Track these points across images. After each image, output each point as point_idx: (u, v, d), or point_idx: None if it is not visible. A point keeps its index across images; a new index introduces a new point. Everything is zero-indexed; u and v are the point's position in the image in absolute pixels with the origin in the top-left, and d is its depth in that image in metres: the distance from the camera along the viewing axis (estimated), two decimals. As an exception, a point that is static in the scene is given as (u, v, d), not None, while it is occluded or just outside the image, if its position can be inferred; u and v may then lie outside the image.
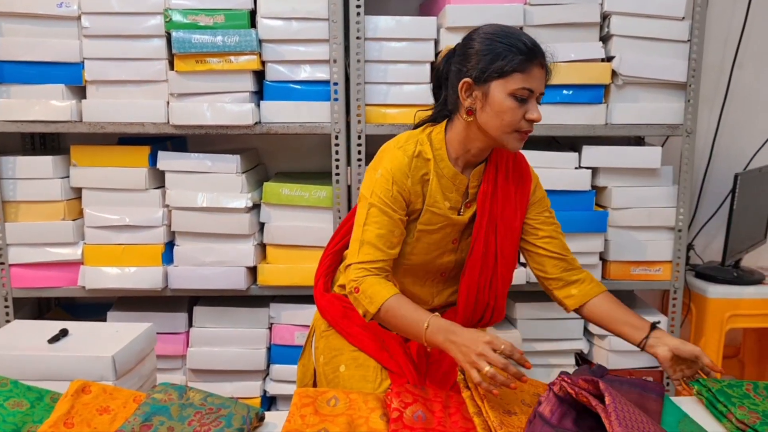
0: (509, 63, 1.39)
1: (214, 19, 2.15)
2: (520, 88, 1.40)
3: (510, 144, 1.46)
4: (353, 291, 1.46)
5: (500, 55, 1.40)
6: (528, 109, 1.42)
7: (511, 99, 1.40)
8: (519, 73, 1.39)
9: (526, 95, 1.41)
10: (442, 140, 1.52)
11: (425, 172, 1.50)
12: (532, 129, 1.46)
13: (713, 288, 2.44)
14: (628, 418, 1.10)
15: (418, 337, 1.39)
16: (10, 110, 2.19)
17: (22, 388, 1.27)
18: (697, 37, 2.25)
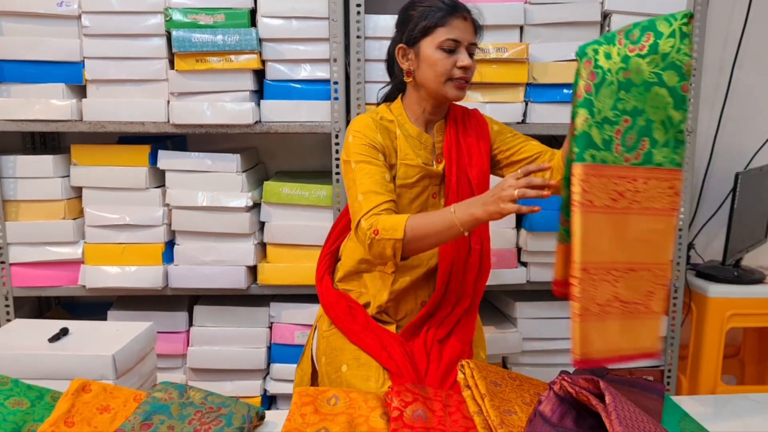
0: (431, 20, 1.54)
1: (214, 18, 2.15)
2: (445, 39, 1.54)
3: (449, 93, 1.57)
4: (373, 236, 1.44)
5: (423, 16, 1.56)
6: (458, 58, 1.55)
7: (439, 51, 1.54)
8: (441, 27, 1.54)
9: (453, 46, 1.54)
10: (400, 107, 1.66)
11: (392, 131, 1.61)
12: (468, 76, 1.57)
13: (714, 287, 2.44)
14: (628, 418, 1.10)
15: (453, 228, 1.40)
16: (11, 109, 2.19)
17: (23, 386, 1.27)
18: (697, 36, 2.24)
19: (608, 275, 1.30)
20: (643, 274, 1.31)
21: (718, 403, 1.51)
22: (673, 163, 1.33)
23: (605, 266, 1.30)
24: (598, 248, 1.29)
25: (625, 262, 1.31)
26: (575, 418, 1.19)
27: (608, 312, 1.30)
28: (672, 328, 2.41)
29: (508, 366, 2.45)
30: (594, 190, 1.28)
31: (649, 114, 1.31)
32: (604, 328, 1.29)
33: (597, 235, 1.29)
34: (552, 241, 2.28)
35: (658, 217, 1.32)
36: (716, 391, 2.43)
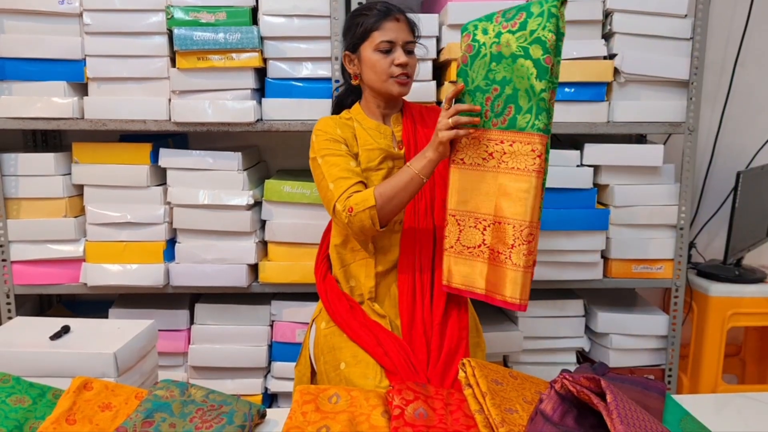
0: (366, 26, 1.67)
1: (215, 16, 2.15)
2: (380, 42, 1.65)
3: (393, 89, 1.68)
4: (349, 214, 1.55)
5: (360, 23, 1.69)
6: (394, 57, 1.66)
7: (377, 53, 1.66)
8: (376, 31, 1.66)
9: (389, 47, 1.66)
10: (357, 107, 1.78)
11: (350, 125, 1.72)
12: (408, 72, 1.68)
13: (715, 286, 2.44)
14: (629, 416, 1.10)
15: (414, 178, 1.53)
16: (12, 107, 2.19)
17: (24, 384, 1.27)
18: (699, 35, 2.24)
19: (477, 224, 1.52)
20: (507, 227, 1.47)
21: (719, 402, 1.51)
22: (535, 128, 1.44)
23: (473, 216, 1.52)
24: (468, 201, 1.52)
25: (492, 215, 1.50)
26: (576, 416, 1.19)
27: (475, 255, 1.52)
28: (673, 327, 2.41)
29: (509, 364, 2.45)
30: (466, 150, 1.53)
31: (516, 83, 1.45)
32: (469, 266, 1.54)
33: (467, 189, 1.52)
34: (553, 241, 2.29)
35: (522, 177, 1.46)
36: (717, 390, 2.43)
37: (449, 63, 2.19)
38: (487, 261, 1.51)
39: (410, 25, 1.71)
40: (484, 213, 1.51)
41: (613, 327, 2.41)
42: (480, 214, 1.52)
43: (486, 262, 1.51)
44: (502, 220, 1.48)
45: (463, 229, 1.54)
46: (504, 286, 1.49)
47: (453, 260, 1.56)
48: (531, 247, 1.46)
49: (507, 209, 1.47)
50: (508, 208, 1.47)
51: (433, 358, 1.60)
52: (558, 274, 2.35)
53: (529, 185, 1.44)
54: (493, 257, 1.50)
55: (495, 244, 1.49)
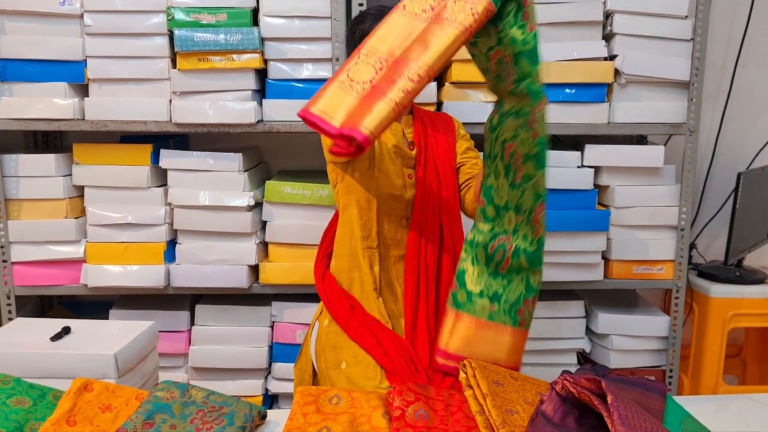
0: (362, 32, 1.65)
1: (216, 18, 2.15)
2: None
3: None
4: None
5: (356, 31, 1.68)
6: None
7: None
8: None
9: None
10: None
11: None
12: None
13: (715, 287, 2.44)
14: (630, 418, 1.10)
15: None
16: (13, 108, 2.19)
17: (25, 385, 1.27)
18: (700, 36, 2.24)
19: (377, 62, 1.37)
20: (401, 67, 1.33)
21: (719, 403, 1.51)
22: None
23: (377, 55, 1.37)
24: (384, 41, 1.38)
25: (395, 56, 1.35)
26: (577, 417, 1.19)
27: (354, 89, 1.35)
28: (674, 328, 2.41)
29: (509, 366, 2.44)
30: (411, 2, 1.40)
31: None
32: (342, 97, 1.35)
33: (392, 30, 1.39)
34: (553, 242, 2.29)
35: (446, 26, 1.35)
36: (718, 391, 2.43)
37: (450, 64, 2.19)
38: (362, 97, 1.34)
39: None
40: (389, 53, 1.37)
41: (613, 328, 2.41)
42: (385, 55, 1.37)
43: (359, 98, 1.34)
44: (402, 60, 1.35)
45: (359, 63, 1.37)
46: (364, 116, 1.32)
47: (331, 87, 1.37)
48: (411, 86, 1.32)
49: (414, 51, 1.35)
50: (415, 51, 1.35)
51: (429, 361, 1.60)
52: (559, 275, 2.34)
53: (448, 34, 1.34)
54: (370, 94, 1.34)
55: (381, 81, 1.34)
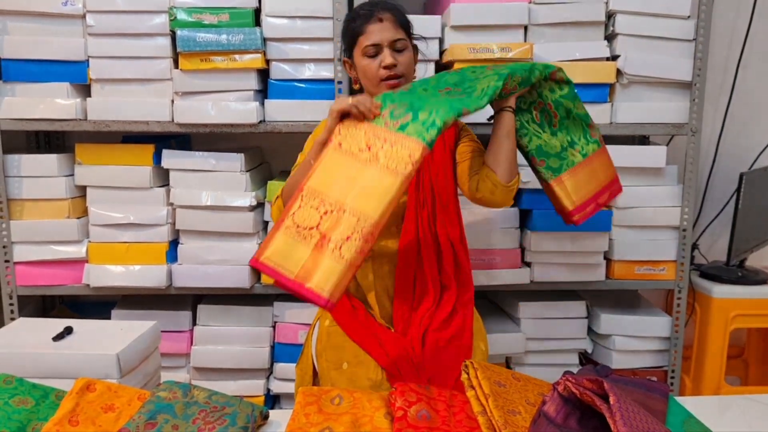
0: (351, 33, 1.66)
1: (218, 18, 2.15)
2: (365, 47, 1.63)
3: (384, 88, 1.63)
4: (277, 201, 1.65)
5: (346, 31, 1.69)
6: (381, 59, 1.62)
7: (365, 58, 1.64)
8: (361, 35, 1.63)
9: (374, 51, 1.62)
10: None
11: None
12: (397, 73, 1.63)
13: (718, 288, 2.44)
14: (632, 418, 1.10)
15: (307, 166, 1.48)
16: (15, 108, 2.19)
17: (27, 385, 1.27)
18: (702, 36, 2.24)
19: (320, 206, 1.40)
20: (350, 218, 1.36)
21: (722, 404, 1.51)
22: (421, 136, 1.41)
23: (320, 197, 1.41)
24: (325, 182, 1.43)
25: (340, 203, 1.39)
26: (579, 418, 1.19)
27: (303, 236, 1.38)
28: (676, 329, 2.40)
29: (511, 366, 2.44)
30: (348, 137, 1.47)
31: (427, 103, 1.46)
32: (292, 245, 1.38)
33: (330, 171, 1.45)
34: (555, 242, 2.29)
35: (389, 175, 1.40)
36: (720, 391, 2.43)
37: (452, 64, 2.19)
38: (313, 247, 1.36)
39: (397, 21, 1.64)
40: (333, 198, 1.40)
41: (615, 328, 2.41)
42: (328, 198, 1.40)
43: (310, 248, 1.36)
44: (348, 209, 1.38)
45: (303, 207, 1.41)
46: (317, 274, 1.34)
47: (278, 234, 1.40)
48: (365, 247, 1.35)
49: (359, 201, 1.39)
50: (361, 200, 1.39)
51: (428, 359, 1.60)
52: (560, 275, 2.34)
53: (392, 185, 1.38)
54: (320, 244, 1.36)
55: (329, 231, 1.37)
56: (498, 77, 1.53)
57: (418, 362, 1.59)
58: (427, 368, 1.58)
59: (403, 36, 1.65)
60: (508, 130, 1.60)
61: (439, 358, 1.59)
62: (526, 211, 2.33)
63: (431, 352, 1.60)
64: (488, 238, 2.30)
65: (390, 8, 1.65)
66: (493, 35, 2.20)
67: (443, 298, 1.67)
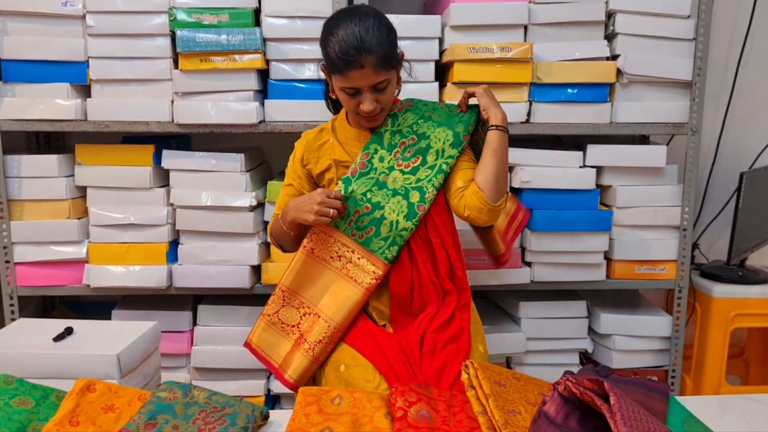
0: (331, 64, 1.56)
1: (218, 18, 2.15)
2: (344, 87, 1.57)
3: (363, 123, 1.67)
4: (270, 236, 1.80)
5: (326, 55, 1.57)
6: (359, 100, 1.59)
7: (342, 92, 1.59)
8: (339, 74, 1.55)
9: (353, 92, 1.57)
10: (343, 112, 1.76)
11: (325, 140, 1.74)
12: (375, 113, 1.61)
13: (718, 287, 2.43)
14: (633, 418, 1.10)
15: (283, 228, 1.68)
16: (15, 109, 2.19)
17: (28, 386, 1.27)
18: (702, 36, 2.24)
19: (300, 307, 1.68)
20: (321, 323, 1.63)
21: (722, 403, 1.51)
22: (383, 256, 1.62)
23: (300, 299, 1.68)
24: (302, 285, 1.68)
25: (315, 306, 1.66)
26: (580, 418, 1.19)
27: (286, 332, 1.68)
28: (676, 329, 2.40)
29: (512, 366, 2.44)
30: (320, 243, 1.67)
31: (385, 212, 1.63)
32: (277, 339, 1.69)
33: (305, 275, 1.67)
34: (556, 242, 2.29)
35: (354, 287, 1.63)
36: (720, 391, 2.42)
37: (452, 64, 2.19)
38: (293, 342, 1.66)
39: (380, 63, 1.52)
40: (309, 301, 1.67)
41: (616, 328, 2.41)
42: (306, 300, 1.67)
43: (291, 343, 1.67)
44: (322, 316, 1.63)
45: (286, 305, 1.69)
46: (293, 367, 1.65)
47: (264, 326, 1.72)
48: (329, 347, 1.63)
49: (329, 308, 1.63)
50: (330, 307, 1.63)
51: (426, 360, 1.59)
52: (561, 275, 2.34)
53: (356, 297, 1.62)
54: (298, 342, 1.65)
55: (306, 331, 1.64)
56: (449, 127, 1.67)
57: (415, 364, 1.58)
58: (424, 370, 1.58)
59: (385, 76, 1.56)
60: (494, 148, 1.58)
61: (436, 359, 1.59)
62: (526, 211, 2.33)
63: (429, 354, 1.59)
64: (488, 237, 2.30)
65: (373, 48, 1.50)
66: (493, 35, 2.20)
67: (445, 302, 1.67)
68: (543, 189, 2.28)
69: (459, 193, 1.62)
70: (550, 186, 2.28)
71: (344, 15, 1.56)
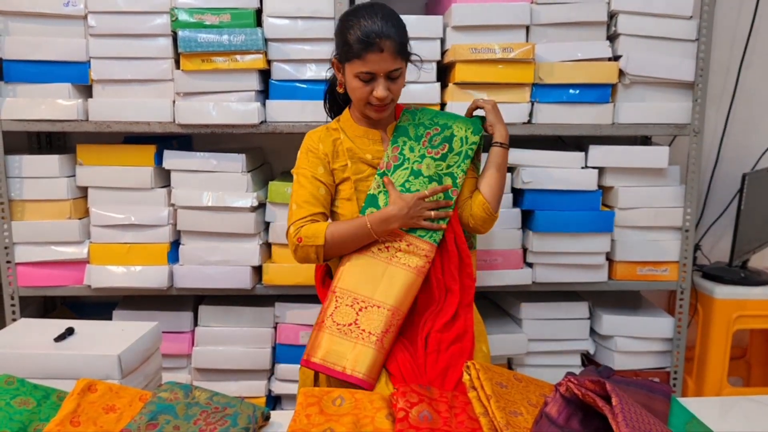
0: (349, 50, 1.59)
1: (220, 18, 2.15)
2: (360, 72, 1.59)
3: (370, 114, 1.67)
4: (297, 243, 1.63)
5: (344, 42, 1.60)
6: (373, 87, 1.60)
7: (357, 80, 1.61)
8: (357, 59, 1.58)
9: (368, 77, 1.60)
10: (347, 113, 1.76)
11: (336, 138, 1.72)
12: (385, 103, 1.63)
13: (720, 289, 2.43)
14: (635, 420, 1.10)
15: (370, 237, 1.63)
16: (17, 109, 2.19)
17: (29, 386, 1.27)
18: (704, 36, 2.23)
19: (354, 304, 1.62)
20: (383, 311, 1.60)
21: (724, 405, 1.50)
22: (432, 239, 1.65)
23: (352, 295, 1.62)
24: (351, 281, 1.64)
25: (370, 298, 1.61)
26: (581, 419, 1.19)
27: (345, 332, 1.59)
28: (678, 330, 2.40)
29: (513, 367, 2.44)
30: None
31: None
32: (338, 343, 1.58)
33: (354, 272, 1.64)
34: (557, 243, 2.29)
35: (407, 272, 1.63)
36: (722, 392, 2.42)
37: (454, 64, 2.19)
38: (356, 340, 1.59)
39: (397, 49, 1.58)
40: (363, 294, 1.62)
41: (618, 329, 2.40)
42: (359, 295, 1.62)
43: (354, 342, 1.58)
44: (381, 305, 1.60)
45: (339, 307, 1.62)
46: (360, 362, 1.57)
47: (324, 335, 1.60)
48: (396, 334, 1.60)
49: (387, 296, 1.61)
50: (387, 295, 1.61)
51: (431, 360, 1.59)
52: (563, 276, 2.34)
53: (410, 280, 1.62)
54: (364, 338, 1.59)
55: (368, 326, 1.59)
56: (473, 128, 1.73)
57: (420, 364, 1.58)
58: (428, 370, 1.57)
59: (401, 65, 1.61)
60: (498, 163, 1.72)
61: (441, 360, 1.59)
62: (527, 211, 2.33)
63: (434, 354, 1.59)
64: (490, 239, 2.30)
65: (392, 34, 1.57)
66: (495, 35, 2.20)
67: (447, 301, 1.67)
68: (545, 190, 2.28)
69: (465, 203, 1.73)
70: (551, 187, 2.27)
71: (364, 7, 1.63)
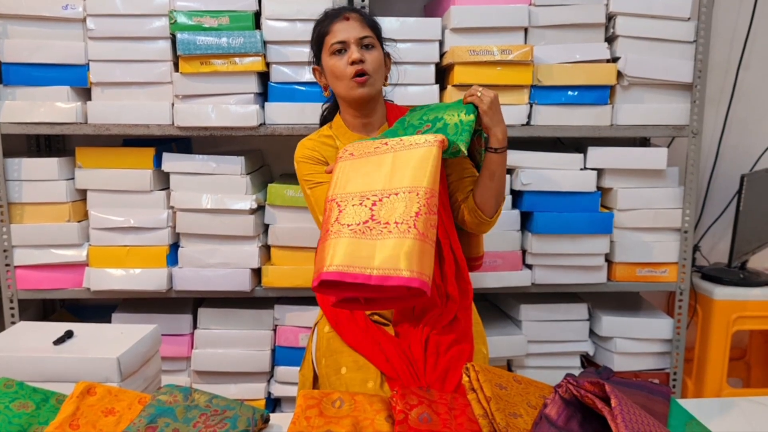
0: (318, 35, 1.69)
1: (218, 21, 2.15)
2: (331, 45, 1.64)
3: (355, 93, 1.65)
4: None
5: (313, 34, 1.72)
6: (348, 55, 1.63)
7: (332, 57, 1.65)
8: (327, 35, 1.66)
9: (340, 47, 1.64)
10: (338, 119, 1.77)
11: (330, 144, 1.73)
12: (367, 68, 1.62)
13: (719, 290, 2.43)
14: (634, 421, 1.10)
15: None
16: (16, 112, 2.19)
17: (28, 389, 1.27)
18: (703, 38, 2.24)
19: (364, 201, 1.36)
20: (407, 195, 1.33)
21: (724, 406, 1.50)
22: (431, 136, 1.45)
23: (357, 195, 1.38)
24: (355, 182, 1.41)
25: (382, 189, 1.36)
26: (581, 421, 1.19)
27: (360, 232, 1.31)
28: (677, 331, 2.40)
29: (513, 369, 2.44)
30: (357, 146, 1.51)
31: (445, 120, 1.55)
32: (354, 244, 1.30)
33: (349, 175, 1.44)
34: (556, 245, 2.29)
35: (419, 150, 1.41)
36: (722, 394, 2.42)
37: (452, 67, 2.19)
38: (377, 237, 1.29)
39: (364, 20, 1.68)
40: (372, 189, 1.37)
41: (617, 331, 2.40)
42: (366, 191, 1.37)
43: (375, 239, 1.28)
44: (400, 190, 1.34)
45: (344, 209, 1.36)
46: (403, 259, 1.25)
47: (335, 241, 1.31)
48: (434, 218, 1.32)
49: (407, 179, 1.35)
50: (408, 178, 1.35)
51: (430, 363, 1.59)
52: (562, 277, 2.34)
53: (429, 153, 1.39)
54: (387, 231, 1.29)
55: (389, 216, 1.31)
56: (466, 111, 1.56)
57: (419, 367, 1.58)
58: (428, 373, 1.57)
59: (371, 34, 1.66)
60: (492, 171, 1.62)
61: (440, 362, 1.58)
62: (527, 213, 2.33)
63: (433, 356, 1.59)
64: (489, 240, 2.29)
65: (358, 10, 1.70)
66: (494, 37, 2.20)
67: (447, 307, 1.67)
68: (543, 191, 2.28)
69: (458, 206, 1.70)
70: (550, 188, 2.27)
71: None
